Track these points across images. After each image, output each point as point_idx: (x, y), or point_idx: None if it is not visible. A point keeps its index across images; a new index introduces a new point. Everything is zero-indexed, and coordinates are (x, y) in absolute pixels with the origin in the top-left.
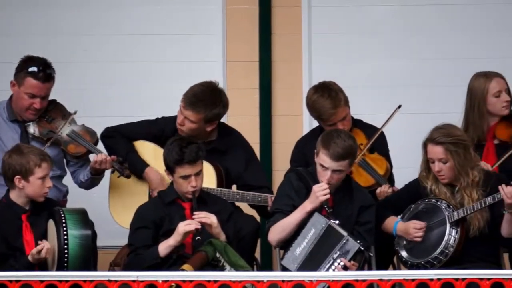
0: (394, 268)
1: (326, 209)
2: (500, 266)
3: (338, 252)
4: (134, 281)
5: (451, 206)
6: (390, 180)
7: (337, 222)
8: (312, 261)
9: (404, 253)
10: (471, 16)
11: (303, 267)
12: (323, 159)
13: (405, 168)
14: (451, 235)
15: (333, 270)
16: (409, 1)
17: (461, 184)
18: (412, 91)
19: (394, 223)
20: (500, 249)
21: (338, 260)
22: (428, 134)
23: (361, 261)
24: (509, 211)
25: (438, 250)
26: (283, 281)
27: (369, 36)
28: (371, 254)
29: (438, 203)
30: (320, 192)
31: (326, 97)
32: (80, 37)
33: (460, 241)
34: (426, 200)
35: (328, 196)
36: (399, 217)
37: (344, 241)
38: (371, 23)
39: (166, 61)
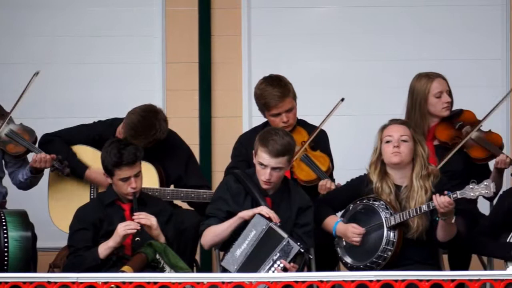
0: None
1: None
2: (440, 268)
3: (278, 254)
4: (73, 282)
5: (388, 208)
6: (331, 179)
7: (277, 224)
8: (252, 263)
9: (347, 258)
10: (412, 18)
11: (243, 268)
12: (262, 157)
13: (348, 170)
14: (388, 239)
15: (273, 271)
16: (349, 3)
17: (411, 178)
18: (354, 92)
19: (334, 224)
20: (440, 251)
21: (278, 262)
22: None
23: (301, 263)
24: (442, 219)
25: (376, 254)
26: (223, 282)
27: (308, 38)
28: (311, 257)
29: (376, 204)
30: (264, 210)
31: (275, 85)
32: (18, 38)
33: (398, 244)
34: (365, 201)
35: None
36: (339, 216)
37: (284, 243)
38: (311, 25)
39: (105, 62)
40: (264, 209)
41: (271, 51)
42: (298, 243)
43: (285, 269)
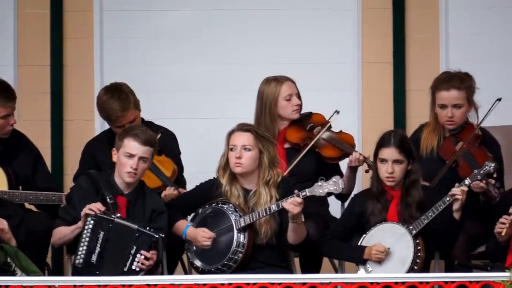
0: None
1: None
2: (291, 271)
3: (134, 247)
4: None
5: (238, 210)
6: (180, 183)
7: (119, 215)
8: (112, 263)
9: (198, 262)
10: (262, 22)
11: (105, 271)
12: (130, 146)
13: (202, 174)
14: (239, 241)
15: (136, 265)
16: (200, 7)
17: (258, 185)
18: (205, 96)
19: (185, 228)
20: (291, 254)
21: (138, 254)
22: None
23: (160, 249)
24: (293, 221)
25: (227, 257)
26: (74, 286)
27: (161, 41)
28: (163, 236)
29: (225, 207)
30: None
31: (116, 98)
32: None
33: (248, 246)
34: (213, 204)
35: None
36: (189, 220)
37: (137, 234)
38: (163, 28)
39: None
40: (86, 208)
41: (124, 54)
42: (148, 228)
43: (146, 259)
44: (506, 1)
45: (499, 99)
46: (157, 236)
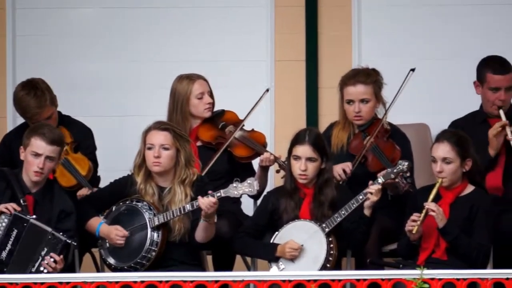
0: None
1: None
2: (204, 269)
3: (45, 249)
4: None
5: (152, 208)
6: (94, 179)
7: (35, 216)
8: (21, 262)
9: (111, 259)
10: (173, 19)
11: (12, 269)
12: (37, 145)
13: (116, 171)
14: (152, 240)
15: (43, 267)
16: (113, 4)
17: (173, 183)
18: (119, 93)
19: (98, 225)
20: (204, 252)
21: (48, 256)
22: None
23: (68, 254)
24: (206, 220)
25: (140, 255)
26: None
27: (75, 38)
28: (75, 244)
29: (139, 205)
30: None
31: (32, 95)
32: None
33: (162, 244)
34: (128, 202)
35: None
36: (102, 217)
37: (49, 237)
38: (77, 25)
39: None
40: (2, 206)
41: (37, 52)
42: (61, 233)
43: (55, 262)
44: (417, 0)
45: (413, 69)
46: (69, 241)
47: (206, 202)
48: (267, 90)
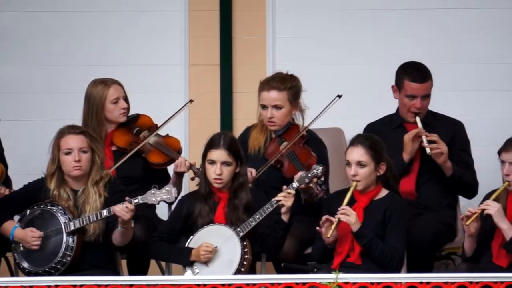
0: None
1: None
2: (118, 272)
3: None
4: None
5: (67, 213)
6: (6, 181)
7: None
8: None
9: (25, 264)
10: (92, 23)
11: None
12: None
13: (28, 175)
14: (68, 244)
15: None
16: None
17: (86, 184)
18: (32, 98)
19: (12, 229)
20: (117, 255)
21: None
22: None
23: None
24: (123, 227)
25: (56, 260)
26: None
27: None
28: None
29: (54, 209)
30: None
31: None
32: None
33: (77, 248)
34: (42, 206)
35: None
36: (17, 221)
37: None
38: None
39: None
40: None
41: None
42: None
43: None
44: (333, 4)
45: (340, 96)
46: None
47: (121, 207)
48: (191, 101)
